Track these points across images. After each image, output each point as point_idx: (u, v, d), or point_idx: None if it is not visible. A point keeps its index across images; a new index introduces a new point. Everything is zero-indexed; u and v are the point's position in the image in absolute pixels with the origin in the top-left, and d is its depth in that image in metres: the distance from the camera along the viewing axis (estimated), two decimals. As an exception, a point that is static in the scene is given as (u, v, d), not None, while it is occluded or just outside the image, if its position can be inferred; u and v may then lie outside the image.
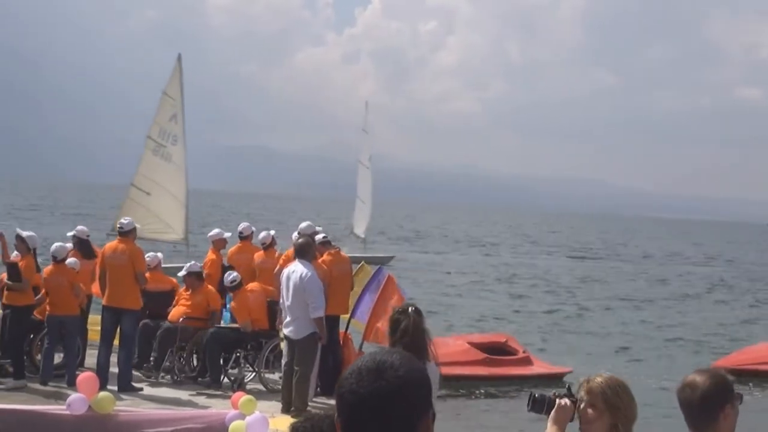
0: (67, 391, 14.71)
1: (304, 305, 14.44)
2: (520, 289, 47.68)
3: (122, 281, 16.15)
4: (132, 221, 16.96)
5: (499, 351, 21.44)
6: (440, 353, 20.12)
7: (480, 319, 34.57)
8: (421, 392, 2.88)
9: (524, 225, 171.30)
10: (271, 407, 14.65)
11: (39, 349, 16.76)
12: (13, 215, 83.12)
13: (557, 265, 68.59)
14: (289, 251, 17.52)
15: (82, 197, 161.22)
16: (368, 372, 2.85)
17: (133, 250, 16.36)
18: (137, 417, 13.34)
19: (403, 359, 2.91)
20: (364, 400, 2.83)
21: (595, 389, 5.25)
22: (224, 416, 13.06)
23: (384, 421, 2.83)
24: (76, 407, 12.93)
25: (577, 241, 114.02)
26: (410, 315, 8.65)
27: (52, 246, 16.64)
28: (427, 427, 2.88)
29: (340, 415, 2.89)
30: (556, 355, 25.34)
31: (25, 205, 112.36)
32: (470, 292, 45.04)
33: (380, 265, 19.23)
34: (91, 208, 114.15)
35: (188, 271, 17.54)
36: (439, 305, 36.87)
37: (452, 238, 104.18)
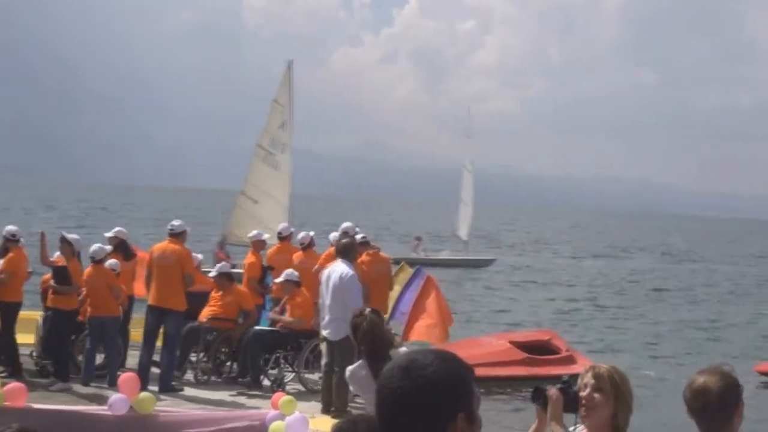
0: (108, 392, 14.78)
1: (343, 305, 14.36)
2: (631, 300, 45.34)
3: (169, 282, 16.20)
4: (183, 223, 16.99)
5: (542, 349, 21.27)
6: (481, 353, 20.26)
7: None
8: (449, 393, 2.88)
9: (579, 225, 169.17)
10: (311, 407, 14.65)
11: (80, 350, 16.85)
12: (49, 217, 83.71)
13: (661, 268, 67.76)
14: (328, 251, 17.54)
15: (119, 199, 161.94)
16: (399, 370, 2.89)
17: (182, 252, 16.42)
18: (178, 417, 13.38)
19: (436, 359, 2.91)
20: (391, 397, 2.87)
21: (603, 374, 5.25)
22: (264, 416, 13.07)
23: (409, 418, 2.85)
24: (118, 408, 12.98)
25: (663, 243, 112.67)
26: (367, 317, 8.80)
27: (91, 247, 16.71)
28: (455, 429, 2.88)
29: (378, 409, 2.93)
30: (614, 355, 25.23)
31: (63, 207, 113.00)
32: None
33: (419, 266, 19.17)
34: (130, 210, 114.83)
35: (218, 272, 17.61)
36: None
37: (525, 239, 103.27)
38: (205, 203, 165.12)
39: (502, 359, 20.43)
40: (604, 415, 5.21)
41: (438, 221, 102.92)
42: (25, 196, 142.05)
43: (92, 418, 13.23)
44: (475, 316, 35.66)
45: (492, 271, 56.21)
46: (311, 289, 17.26)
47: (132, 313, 17.97)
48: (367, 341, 8.75)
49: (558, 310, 39.14)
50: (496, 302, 40.95)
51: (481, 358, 19.40)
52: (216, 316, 17.21)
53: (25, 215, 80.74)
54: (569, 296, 44.66)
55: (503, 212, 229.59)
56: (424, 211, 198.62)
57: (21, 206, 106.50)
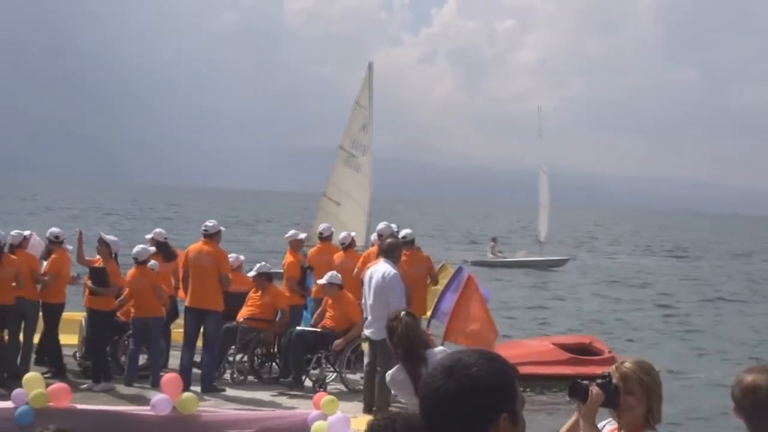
0: (151, 392, 14.84)
1: (386, 305, 14.29)
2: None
3: (205, 283, 16.21)
4: (217, 224, 17.01)
5: (584, 352, 21.21)
6: (523, 353, 20.19)
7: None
8: (492, 393, 2.88)
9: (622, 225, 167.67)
10: (352, 407, 14.64)
11: (123, 350, 16.93)
12: (88, 218, 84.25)
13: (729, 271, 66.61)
14: (367, 252, 17.52)
15: (162, 200, 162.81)
16: (442, 369, 2.91)
17: (217, 252, 16.42)
18: (220, 417, 13.43)
19: (480, 359, 2.92)
20: (433, 397, 2.89)
21: (630, 375, 5.22)
22: (306, 416, 13.09)
23: (452, 418, 2.86)
24: (160, 408, 13.04)
25: (720, 242, 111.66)
26: (402, 320, 8.89)
27: (135, 248, 16.79)
28: (498, 429, 2.87)
29: (420, 408, 2.95)
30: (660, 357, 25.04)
31: (104, 209, 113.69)
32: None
33: (461, 265, 19.11)
34: (172, 211, 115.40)
35: (257, 271, 17.65)
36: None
37: (588, 238, 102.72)
38: (244, 204, 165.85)
39: (545, 359, 20.38)
40: (638, 414, 5.20)
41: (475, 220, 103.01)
42: (68, 198, 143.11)
43: (135, 418, 13.30)
44: (540, 316, 35.71)
45: (565, 271, 56.39)
46: (352, 290, 17.28)
47: (174, 314, 18.01)
48: (403, 344, 8.81)
49: (630, 311, 38.63)
50: (558, 304, 40.61)
51: (524, 358, 19.37)
52: (253, 316, 17.25)
53: (68, 216, 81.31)
54: (649, 299, 44.08)
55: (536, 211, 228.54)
56: (462, 210, 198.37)
57: (64, 207, 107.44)
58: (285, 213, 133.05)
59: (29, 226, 19.12)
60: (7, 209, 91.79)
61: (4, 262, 15.94)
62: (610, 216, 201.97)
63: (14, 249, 16.53)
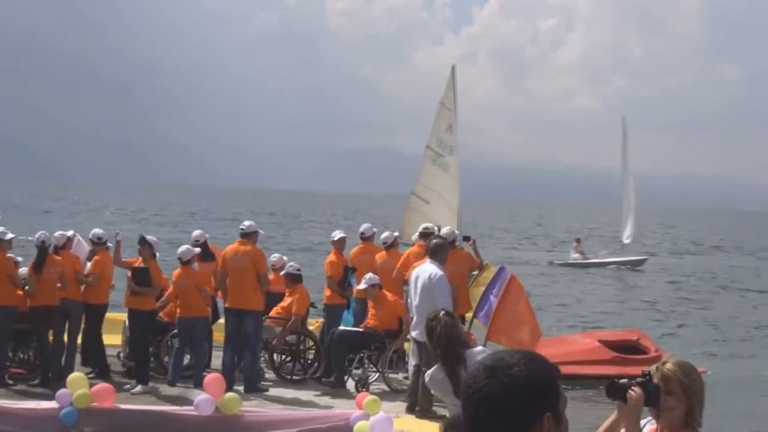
0: (194, 392, 14.88)
1: (433, 306, 14.25)
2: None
3: (244, 283, 16.22)
4: (254, 224, 17.00)
5: (630, 349, 21.04)
6: (568, 351, 20.05)
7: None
8: (535, 393, 2.87)
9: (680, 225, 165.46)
10: (395, 407, 14.63)
11: (167, 350, 16.99)
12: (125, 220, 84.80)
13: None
14: (408, 252, 17.48)
15: (205, 200, 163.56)
16: (484, 369, 2.89)
17: (254, 252, 16.42)
18: (263, 417, 13.46)
19: (522, 359, 2.91)
20: (476, 397, 2.87)
21: (670, 376, 5.16)
22: (349, 416, 13.10)
23: (495, 418, 2.85)
24: (204, 408, 13.09)
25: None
26: (441, 320, 8.88)
27: (179, 249, 16.83)
28: (541, 429, 2.86)
29: (462, 411, 2.94)
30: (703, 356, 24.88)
31: (152, 209, 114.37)
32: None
33: (503, 265, 19.02)
34: (207, 211, 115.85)
35: (285, 272, 17.66)
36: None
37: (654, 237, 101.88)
38: (286, 205, 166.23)
39: (589, 358, 20.26)
40: (678, 415, 5.15)
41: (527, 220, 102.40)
42: (107, 199, 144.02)
43: (178, 418, 13.36)
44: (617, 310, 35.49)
45: (646, 270, 56.43)
46: (393, 289, 17.25)
47: (216, 315, 18.05)
48: (442, 344, 8.80)
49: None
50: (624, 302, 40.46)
51: (568, 357, 19.27)
52: (276, 315, 17.37)
53: (113, 217, 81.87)
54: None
55: (584, 211, 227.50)
56: (506, 210, 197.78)
57: (108, 208, 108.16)
58: (325, 213, 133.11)
59: (71, 228, 19.17)
60: (47, 211, 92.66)
61: (49, 264, 16.05)
62: (647, 214, 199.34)
63: (58, 250, 16.64)
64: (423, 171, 36.64)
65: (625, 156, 57.15)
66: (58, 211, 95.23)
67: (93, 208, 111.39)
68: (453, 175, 36.14)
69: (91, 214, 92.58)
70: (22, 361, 16.73)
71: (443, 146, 36.38)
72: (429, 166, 36.52)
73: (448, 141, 36.48)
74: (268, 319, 17.30)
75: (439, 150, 36.40)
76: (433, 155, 36.48)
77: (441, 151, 36.36)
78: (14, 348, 16.51)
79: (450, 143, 36.39)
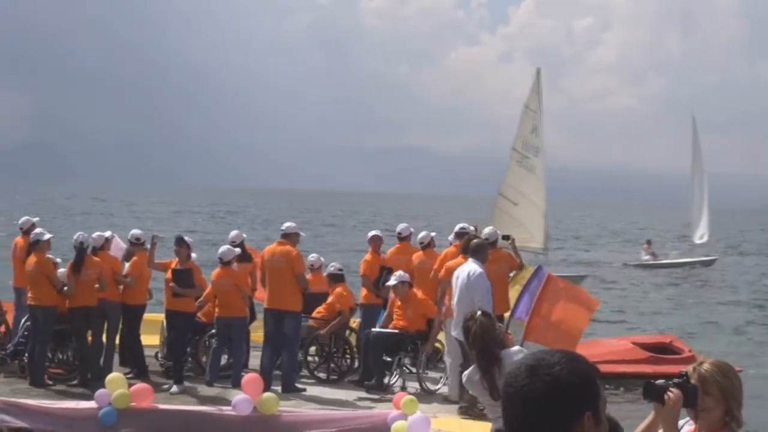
0: (232, 392, 14.92)
1: (472, 304, 14.26)
2: None
3: (281, 283, 16.21)
4: (294, 226, 17.02)
5: (664, 351, 21.00)
6: (602, 352, 20.03)
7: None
8: (577, 392, 2.86)
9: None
10: (431, 408, 14.62)
11: (204, 351, 17.04)
12: (172, 219, 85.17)
13: None
14: (445, 252, 17.45)
15: (241, 202, 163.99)
16: (525, 368, 2.88)
17: (290, 252, 16.40)
18: (300, 418, 13.47)
19: (563, 358, 2.90)
20: (516, 396, 2.86)
21: (708, 378, 5.12)
22: (386, 416, 13.09)
23: (536, 417, 2.83)
24: (242, 408, 13.12)
25: None
26: (478, 320, 8.88)
27: (220, 249, 16.87)
28: (582, 429, 2.85)
29: (501, 411, 2.93)
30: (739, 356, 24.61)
31: (188, 209, 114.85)
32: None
33: (540, 265, 18.96)
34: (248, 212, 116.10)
35: (327, 272, 17.67)
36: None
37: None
38: (323, 205, 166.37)
39: (624, 358, 20.22)
40: (716, 416, 5.11)
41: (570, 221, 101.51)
42: (156, 200, 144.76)
43: (216, 418, 13.39)
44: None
45: (714, 269, 56.14)
46: (430, 289, 17.23)
47: (254, 316, 18.09)
48: (478, 344, 8.81)
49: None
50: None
51: (603, 356, 19.21)
52: (318, 315, 17.51)
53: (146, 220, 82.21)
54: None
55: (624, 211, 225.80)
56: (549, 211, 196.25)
57: (153, 209, 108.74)
58: (364, 213, 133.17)
59: (104, 229, 19.30)
60: (83, 211, 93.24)
61: (87, 264, 16.14)
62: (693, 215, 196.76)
63: (96, 251, 16.73)
64: (509, 173, 37.01)
65: (697, 155, 56.70)
66: (93, 212, 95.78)
67: (127, 210, 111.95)
68: (539, 177, 36.43)
69: (126, 215, 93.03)
70: (62, 361, 16.83)
71: (528, 148, 36.64)
72: (515, 168, 36.83)
73: (534, 143, 36.77)
74: (311, 320, 17.34)
75: (524, 152, 36.68)
76: (519, 157, 36.76)
77: (526, 153, 36.62)
78: (53, 348, 16.60)
79: (535, 145, 36.67)
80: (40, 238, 16.33)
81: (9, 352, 16.95)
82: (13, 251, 18.40)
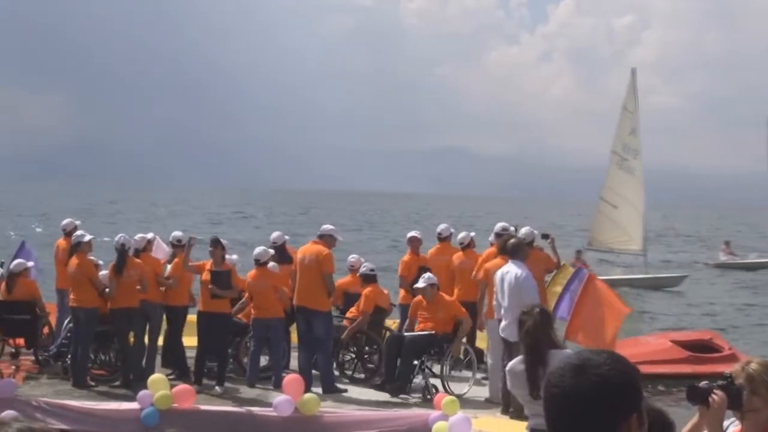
0: (273, 394, 14.95)
1: (521, 306, 14.23)
2: None
3: (310, 282, 16.13)
4: (332, 228, 16.92)
5: (704, 349, 20.82)
6: (641, 352, 19.91)
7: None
8: (624, 393, 2.83)
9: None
10: (471, 410, 14.57)
11: (245, 352, 17.07)
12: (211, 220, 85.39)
13: None
14: (487, 252, 17.41)
15: (293, 202, 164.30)
16: (571, 369, 2.84)
17: (321, 252, 16.31)
18: (341, 418, 13.50)
19: (609, 359, 2.87)
20: (562, 396, 2.82)
21: (756, 377, 5.03)
22: (427, 417, 13.09)
23: (584, 417, 2.79)
24: (283, 409, 13.16)
25: None
26: (534, 316, 8.94)
27: (255, 250, 16.90)
28: (629, 430, 2.82)
29: (546, 411, 2.88)
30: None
31: (228, 211, 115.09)
32: None
33: (579, 267, 18.91)
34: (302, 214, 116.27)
35: (359, 272, 17.67)
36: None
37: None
38: (366, 206, 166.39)
39: (664, 357, 20.07)
40: (764, 417, 5.03)
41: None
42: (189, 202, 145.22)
43: (258, 419, 13.45)
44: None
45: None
46: (469, 290, 17.19)
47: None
48: (527, 340, 8.84)
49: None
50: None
51: (642, 357, 19.07)
52: (350, 315, 17.49)
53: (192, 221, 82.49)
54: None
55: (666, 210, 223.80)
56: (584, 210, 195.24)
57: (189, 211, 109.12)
58: (405, 212, 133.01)
59: (152, 231, 19.36)
60: (135, 213, 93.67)
61: (129, 266, 16.21)
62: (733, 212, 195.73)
63: (139, 253, 16.80)
64: (609, 175, 37.06)
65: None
66: (146, 214, 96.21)
67: (178, 209, 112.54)
68: (638, 179, 36.37)
69: (173, 216, 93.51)
70: (104, 362, 16.93)
71: (628, 150, 36.65)
72: (615, 171, 36.85)
73: (633, 144, 36.75)
74: (345, 320, 17.36)
75: (624, 154, 36.64)
76: (619, 159, 36.81)
77: (626, 155, 36.65)
78: (96, 350, 16.69)
79: (634, 147, 36.68)
80: (81, 240, 16.43)
81: (52, 354, 17.08)
82: (55, 253, 18.55)
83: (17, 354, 17.73)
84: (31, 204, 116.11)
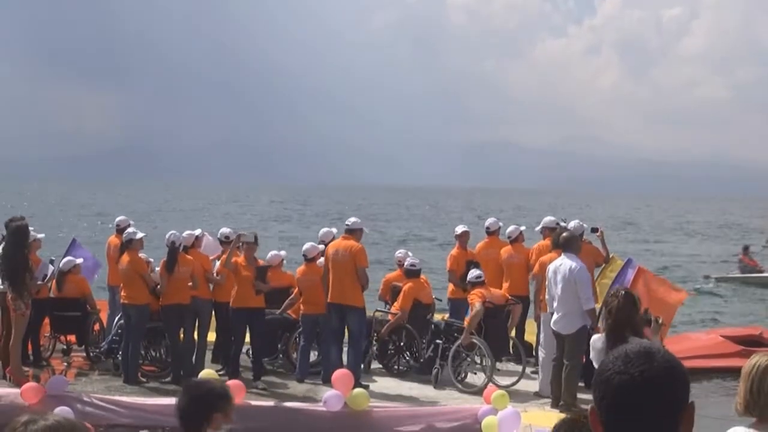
0: (322, 389, 14.97)
1: (575, 298, 14.19)
2: None
3: (343, 278, 16.00)
4: (359, 221, 16.82)
5: (754, 343, 20.63)
6: (692, 347, 19.82)
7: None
8: (686, 380, 2.82)
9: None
10: (520, 404, 14.52)
11: (295, 347, 17.12)
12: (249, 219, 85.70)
13: None
14: (539, 245, 17.38)
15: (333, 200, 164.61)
16: (637, 355, 2.81)
17: (353, 247, 16.16)
18: (391, 413, 13.50)
19: (663, 348, 2.87)
20: (636, 382, 2.77)
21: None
22: (477, 411, 13.08)
23: (654, 402, 2.76)
24: (333, 404, 13.19)
25: None
26: (619, 298, 9.26)
27: (304, 246, 16.94)
28: (689, 417, 2.81)
29: (603, 399, 2.82)
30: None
31: (264, 210, 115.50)
32: None
33: (630, 257, 18.78)
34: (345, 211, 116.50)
35: (403, 267, 17.66)
36: None
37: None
38: (416, 201, 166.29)
39: (715, 352, 19.92)
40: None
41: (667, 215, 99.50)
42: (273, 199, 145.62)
43: (308, 414, 13.48)
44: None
45: None
46: (520, 284, 17.14)
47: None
48: (609, 323, 9.21)
49: None
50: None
51: (694, 351, 18.97)
52: (390, 309, 17.53)
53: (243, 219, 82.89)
54: None
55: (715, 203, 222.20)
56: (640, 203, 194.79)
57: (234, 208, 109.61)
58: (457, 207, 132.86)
59: (199, 227, 19.44)
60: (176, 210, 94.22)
61: (180, 263, 16.28)
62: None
63: (188, 249, 16.87)
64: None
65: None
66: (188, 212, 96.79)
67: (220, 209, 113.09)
68: None
69: (220, 214, 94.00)
70: (154, 358, 17.02)
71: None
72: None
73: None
74: (390, 314, 17.33)
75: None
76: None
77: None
78: (146, 346, 16.81)
79: None
80: (132, 237, 16.53)
81: (103, 350, 17.24)
82: (107, 250, 18.67)
83: (69, 351, 17.92)
84: (85, 202, 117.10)
